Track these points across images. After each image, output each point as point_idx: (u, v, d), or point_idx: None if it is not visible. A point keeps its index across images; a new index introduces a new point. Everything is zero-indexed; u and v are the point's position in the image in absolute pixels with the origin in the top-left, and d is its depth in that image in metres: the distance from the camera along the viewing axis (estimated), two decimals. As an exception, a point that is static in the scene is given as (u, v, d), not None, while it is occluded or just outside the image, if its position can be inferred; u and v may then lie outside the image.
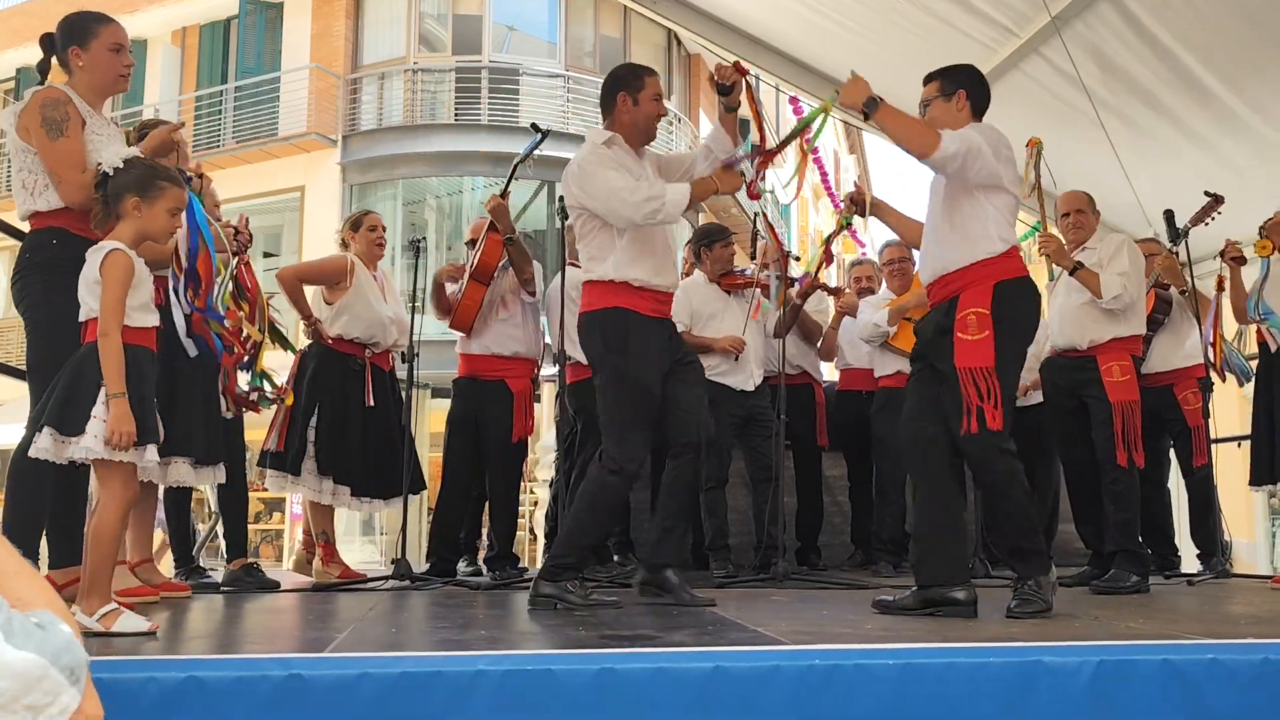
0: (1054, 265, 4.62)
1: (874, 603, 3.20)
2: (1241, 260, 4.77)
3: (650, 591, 3.50)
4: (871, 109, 3.13)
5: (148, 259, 3.73)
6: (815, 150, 16.23)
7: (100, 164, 2.78)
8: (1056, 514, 5.95)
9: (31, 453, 2.62)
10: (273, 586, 4.23)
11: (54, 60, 3.23)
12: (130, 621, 2.55)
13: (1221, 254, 4.81)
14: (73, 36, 3.20)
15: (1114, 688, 1.95)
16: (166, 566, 4.65)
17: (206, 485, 3.99)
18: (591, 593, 3.44)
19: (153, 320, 2.77)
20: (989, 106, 3.36)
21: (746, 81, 3.43)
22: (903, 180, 43.68)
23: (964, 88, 3.31)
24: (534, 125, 4.56)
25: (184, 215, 3.15)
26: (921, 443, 3.18)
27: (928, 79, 3.43)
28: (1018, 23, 5.60)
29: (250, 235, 3.90)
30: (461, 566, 4.94)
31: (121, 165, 2.76)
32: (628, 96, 3.52)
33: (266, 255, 15.67)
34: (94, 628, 2.50)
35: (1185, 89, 5.51)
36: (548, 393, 7.42)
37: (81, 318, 2.72)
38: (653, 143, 3.61)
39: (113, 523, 2.63)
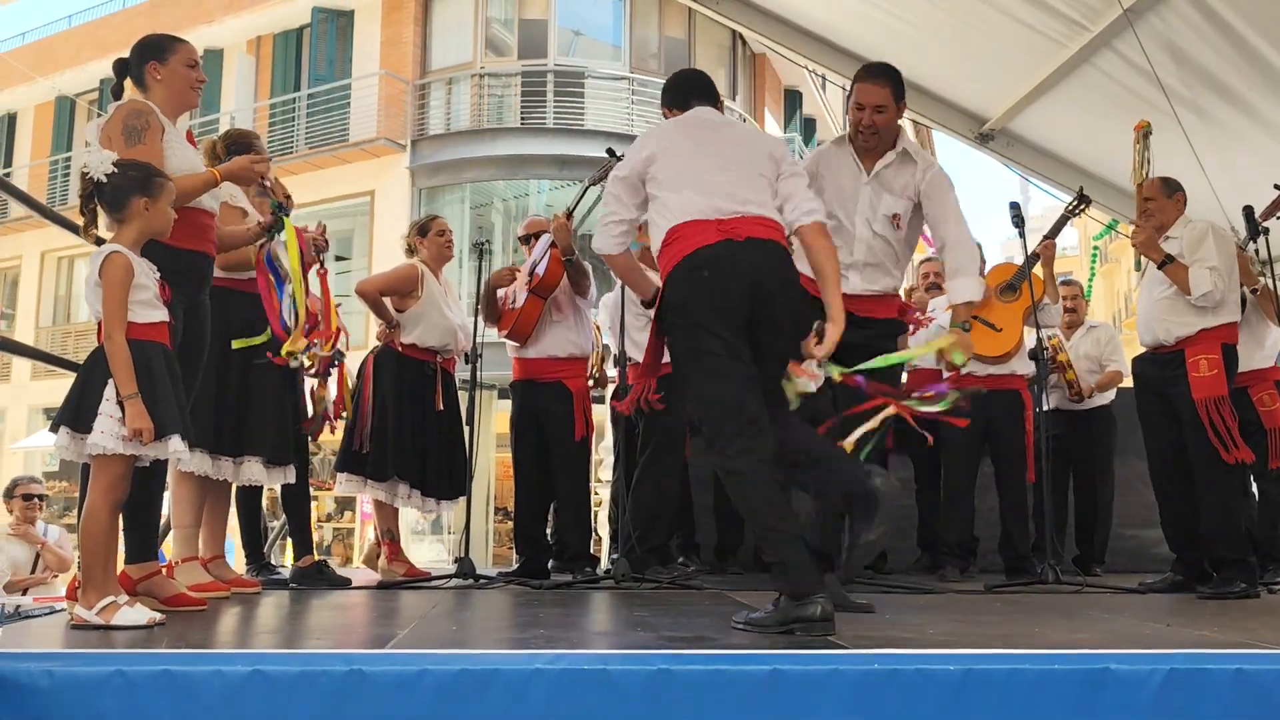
0: (1141, 256, 4.48)
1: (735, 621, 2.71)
2: None
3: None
4: None
5: (233, 263, 3.84)
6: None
7: (85, 170, 2.82)
8: (1110, 521, 5.81)
9: (55, 448, 2.72)
10: (343, 584, 4.30)
11: (127, 81, 3.34)
12: (129, 615, 2.59)
13: None
14: (151, 53, 3.33)
15: (1184, 697, 1.89)
16: (238, 563, 4.76)
17: (277, 485, 4.07)
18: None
19: (159, 315, 2.81)
20: (686, 98, 3.27)
21: None
22: (969, 185, 42.98)
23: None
24: (610, 151, 4.57)
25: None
26: None
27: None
28: (1088, 16, 5.47)
29: (327, 242, 3.98)
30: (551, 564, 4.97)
31: (113, 170, 2.80)
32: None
33: (338, 259, 15.96)
34: (93, 621, 2.56)
35: (1263, 81, 5.33)
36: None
37: (92, 319, 2.81)
38: None
39: (100, 520, 2.66)
